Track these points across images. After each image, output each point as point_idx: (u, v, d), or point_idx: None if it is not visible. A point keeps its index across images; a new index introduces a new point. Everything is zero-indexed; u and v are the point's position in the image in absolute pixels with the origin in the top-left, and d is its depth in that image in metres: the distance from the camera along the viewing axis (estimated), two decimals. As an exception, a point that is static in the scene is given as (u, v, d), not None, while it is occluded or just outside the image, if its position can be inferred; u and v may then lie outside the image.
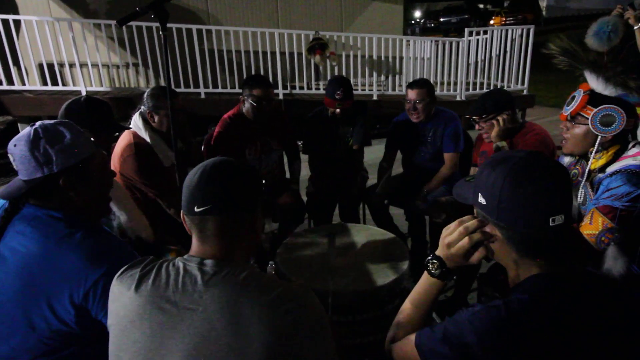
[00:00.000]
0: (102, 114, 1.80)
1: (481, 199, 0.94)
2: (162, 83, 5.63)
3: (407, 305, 1.09)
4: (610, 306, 0.87)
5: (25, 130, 1.15)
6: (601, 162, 1.51)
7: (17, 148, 1.13)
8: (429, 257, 1.04)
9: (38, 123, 1.17)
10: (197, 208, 0.94)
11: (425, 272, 1.05)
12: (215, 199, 0.94)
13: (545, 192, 0.87)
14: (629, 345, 0.85)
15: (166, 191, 2.14)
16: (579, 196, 1.56)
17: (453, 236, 0.99)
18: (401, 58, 6.23)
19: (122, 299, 0.93)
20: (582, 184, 1.55)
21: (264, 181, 1.12)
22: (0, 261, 1.12)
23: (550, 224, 0.86)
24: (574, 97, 1.56)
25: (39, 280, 1.08)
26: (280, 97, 5.66)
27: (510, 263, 0.95)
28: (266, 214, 2.45)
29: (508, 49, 6.12)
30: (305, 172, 2.96)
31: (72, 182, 1.16)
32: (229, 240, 0.97)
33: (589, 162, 1.53)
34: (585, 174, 1.53)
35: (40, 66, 5.28)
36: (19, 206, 1.17)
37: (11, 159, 1.16)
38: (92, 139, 1.28)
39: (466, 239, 0.96)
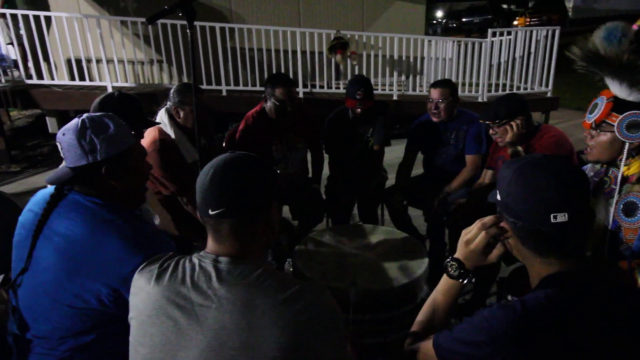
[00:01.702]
0: (133, 109, 1.86)
1: (498, 195, 0.98)
2: (186, 80, 5.72)
3: (426, 308, 1.11)
4: (624, 307, 0.88)
5: (73, 121, 1.22)
6: (635, 169, 1.47)
7: (66, 137, 1.21)
8: (448, 260, 1.06)
9: (85, 114, 1.24)
10: (211, 211, 0.93)
11: (445, 275, 1.07)
12: (229, 202, 0.93)
13: (546, 187, 0.88)
14: None
15: (186, 187, 2.18)
16: (613, 205, 1.50)
17: (472, 233, 1.03)
18: (422, 58, 6.18)
19: (141, 293, 0.95)
20: (616, 191, 1.50)
21: (278, 171, 1.12)
22: (46, 243, 1.19)
23: (552, 221, 0.87)
24: (596, 105, 1.53)
25: (81, 262, 1.15)
26: (301, 95, 5.68)
27: (527, 261, 0.97)
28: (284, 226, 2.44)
29: (532, 50, 6.02)
30: (325, 170, 2.98)
31: (113, 170, 1.23)
32: (244, 239, 0.96)
33: (620, 169, 1.50)
34: (619, 182, 1.49)
35: (69, 61, 5.42)
36: (64, 192, 1.24)
37: (59, 147, 1.23)
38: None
39: (483, 233, 1.01)
